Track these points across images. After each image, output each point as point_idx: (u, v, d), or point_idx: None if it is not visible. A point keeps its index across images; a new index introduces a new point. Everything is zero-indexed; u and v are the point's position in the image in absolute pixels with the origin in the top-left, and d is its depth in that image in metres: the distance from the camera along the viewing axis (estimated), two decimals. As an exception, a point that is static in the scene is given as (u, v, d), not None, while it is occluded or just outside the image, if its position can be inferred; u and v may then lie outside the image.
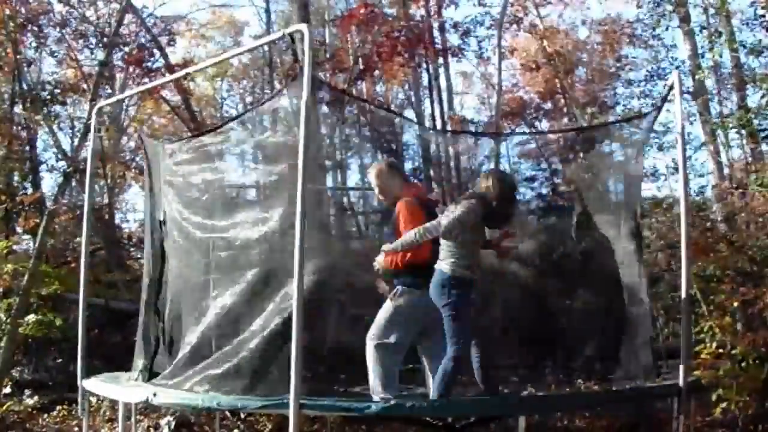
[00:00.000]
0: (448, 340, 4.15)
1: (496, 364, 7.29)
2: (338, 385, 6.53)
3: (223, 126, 5.85)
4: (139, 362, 5.88)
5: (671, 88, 5.34)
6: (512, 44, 16.88)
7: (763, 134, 9.98)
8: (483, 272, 4.91)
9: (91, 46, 13.50)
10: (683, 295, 4.89)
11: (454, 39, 14.79)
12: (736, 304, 5.94)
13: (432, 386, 4.34)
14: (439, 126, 15.30)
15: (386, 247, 4.34)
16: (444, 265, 4.17)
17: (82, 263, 6.38)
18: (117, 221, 16.33)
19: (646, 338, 5.37)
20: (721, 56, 10.62)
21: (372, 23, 12.04)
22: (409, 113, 17.13)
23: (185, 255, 5.74)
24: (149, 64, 13.04)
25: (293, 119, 4.94)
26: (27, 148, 12.74)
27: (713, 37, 10.55)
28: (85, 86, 12.66)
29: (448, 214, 4.17)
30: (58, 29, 13.35)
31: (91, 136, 6.68)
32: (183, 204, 5.77)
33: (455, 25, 14.47)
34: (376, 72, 14.81)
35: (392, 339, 4.43)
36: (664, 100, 5.87)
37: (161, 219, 6.06)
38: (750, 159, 11.88)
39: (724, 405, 5.21)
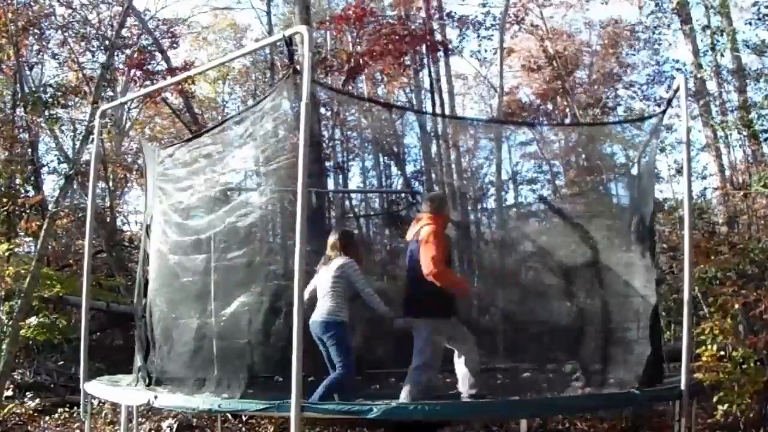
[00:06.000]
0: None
1: (498, 366, 7.29)
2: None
3: (211, 130, 5.85)
4: (138, 365, 5.89)
5: (676, 91, 5.34)
6: (512, 45, 16.87)
7: (764, 135, 9.97)
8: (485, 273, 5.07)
9: (93, 49, 13.55)
10: (685, 297, 4.89)
11: (453, 35, 14.83)
12: (737, 306, 5.91)
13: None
14: (440, 128, 15.28)
15: None
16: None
17: (85, 267, 6.38)
18: (118, 224, 16.35)
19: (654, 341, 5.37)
20: (722, 55, 10.60)
21: (363, 21, 12.05)
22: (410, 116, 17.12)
23: (169, 259, 5.74)
24: (151, 66, 13.07)
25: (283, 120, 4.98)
26: (29, 150, 12.75)
27: (715, 37, 10.54)
28: (86, 89, 12.67)
29: None
30: (59, 32, 13.40)
31: (94, 139, 6.70)
32: (170, 207, 5.79)
33: (449, 14, 14.45)
34: (377, 74, 14.81)
35: None
36: (669, 103, 5.87)
37: (148, 224, 6.08)
38: (752, 160, 11.87)
39: (725, 407, 5.19)
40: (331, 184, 14.91)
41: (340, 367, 4.93)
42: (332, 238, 5.30)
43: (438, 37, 14.69)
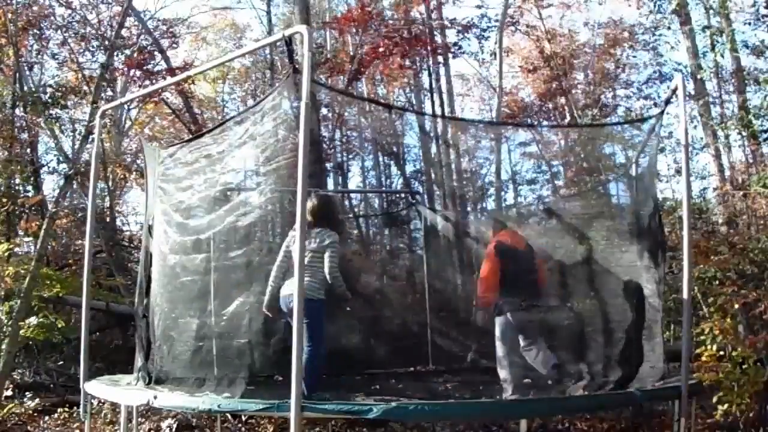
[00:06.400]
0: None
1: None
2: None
3: (211, 131, 5.85)
4: (138, 365, 5.89)
5: (674, 91, 5.35)
6: (511, 45, 16.88)
7: (764, 135, 9.98)
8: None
9: (93, 49, 13.55)
10: (685, 297, 4.89)
11: (453, 37, 14.83)
12: (737, 306, 5.91)
13: None
14: (439, 129, 15.29)
15: None
16: None
17: (85, 267, 6.38)
18: (118, 224, 16.34)
19: (656, 340, 5.39)
20: (722, 56, 10.61)
21: (367, 23, 12.06)
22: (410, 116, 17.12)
23: (169, 259, 5.74)
24: (150, 66, 13.08)
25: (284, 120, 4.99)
26: (28, 150, 12.75)
27: (714, 37, 10.55)
28: (86, 89, 12.67)
29: None
30: (59, 32, 13.40)
31: (94, 139, 6.70)
32: (171, 207, 5.80)
33: (452, 21, 14.48)
34: (377, 75, 14.79)
35: None
36: (668, 102, 5.88)
37: (150, 224, 6.09)
38: (751, 160, 11.90)
39: (725, 407, 5.19)
40: (331, 184, 14.92)
41: (308, 348, 4.71)
42: (310, 204, 4.99)
43: (438, 39, 14.72)
